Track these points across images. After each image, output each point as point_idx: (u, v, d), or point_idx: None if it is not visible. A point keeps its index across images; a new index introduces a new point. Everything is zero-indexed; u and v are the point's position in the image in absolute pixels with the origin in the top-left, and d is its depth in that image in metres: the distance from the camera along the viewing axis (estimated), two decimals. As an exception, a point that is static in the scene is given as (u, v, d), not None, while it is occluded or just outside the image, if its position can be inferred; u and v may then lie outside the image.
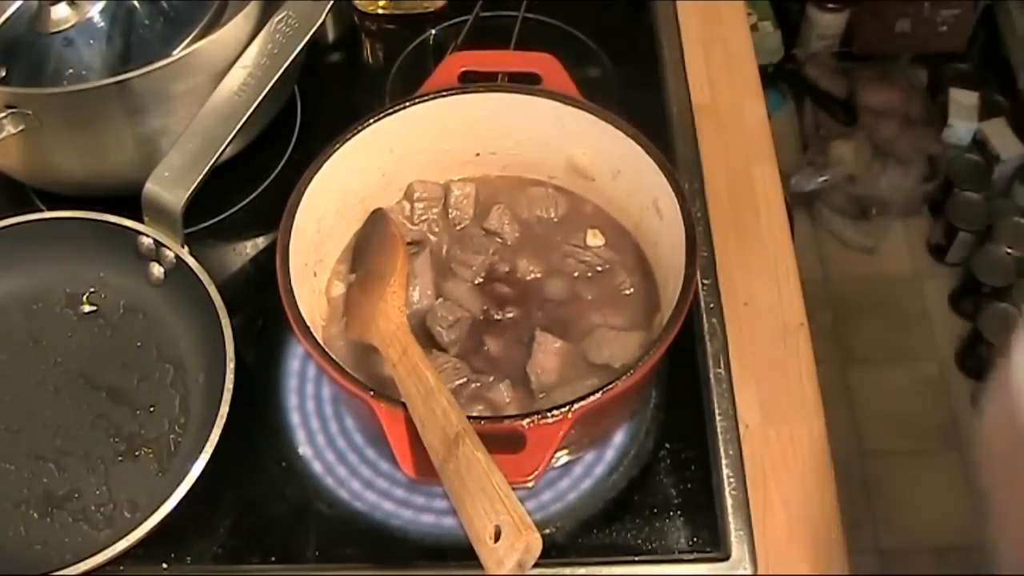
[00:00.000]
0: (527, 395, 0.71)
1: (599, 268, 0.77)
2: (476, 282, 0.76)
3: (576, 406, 0.62)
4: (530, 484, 0.59)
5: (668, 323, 0.66)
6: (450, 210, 0.80)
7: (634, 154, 0.74)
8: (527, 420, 0.61)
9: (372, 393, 0.63)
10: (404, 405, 0.62)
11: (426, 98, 0.77)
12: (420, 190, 0.80)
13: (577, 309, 0.75)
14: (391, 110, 0.77)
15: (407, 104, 0.77)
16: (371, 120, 0.76)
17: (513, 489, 0.56)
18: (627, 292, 0.76)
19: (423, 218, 0.80)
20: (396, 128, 0.77)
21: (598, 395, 0.63)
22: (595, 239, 0.78)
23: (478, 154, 0.81)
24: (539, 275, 0.77)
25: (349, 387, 0.64)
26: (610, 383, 0.63)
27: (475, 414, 0.68)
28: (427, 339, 0.73)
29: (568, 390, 0.70)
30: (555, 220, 0.80)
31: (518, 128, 0.79)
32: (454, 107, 0.78)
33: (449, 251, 0.78)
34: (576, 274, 0.77)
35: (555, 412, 0.62)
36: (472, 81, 0.79)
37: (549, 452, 0.60)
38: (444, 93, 0.78)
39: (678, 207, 0.71)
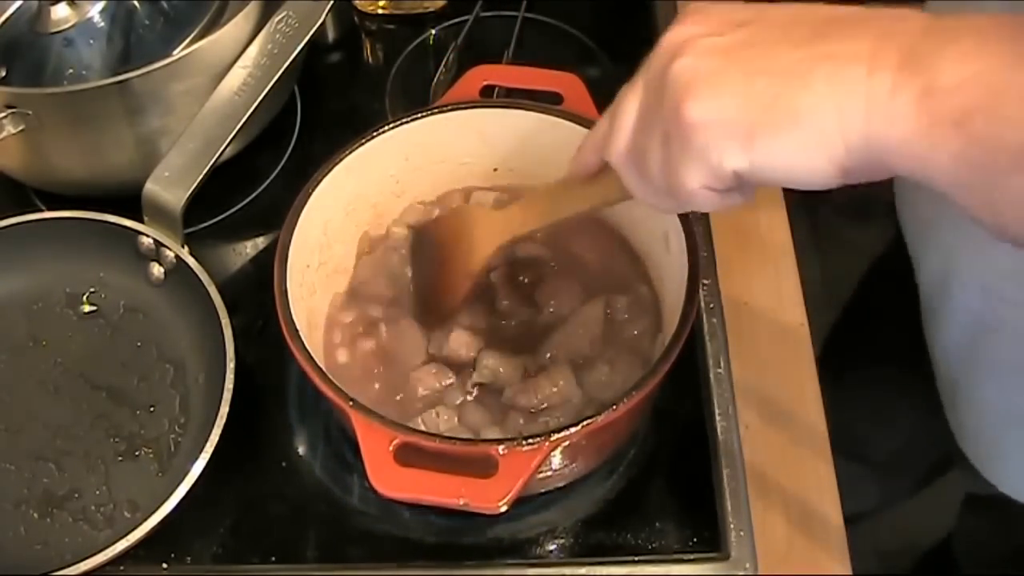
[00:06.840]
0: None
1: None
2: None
3: (553, 437, 0.60)
4: (501, 509, 0.58)
5: (651, 371, 0.63)
6: None
7: None
8: (502, 446, 0.60)
9: (351, 404, 0.62)
10: (382, 418, 0.62)
11: (445, 109, 0.77)
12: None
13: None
14: (408, 118, 0.76)
15: (425, 113, 0.76)
16: (386, 127, 0.75)
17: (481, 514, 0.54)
18: (635, 333, 0.74)
19: None
20: (413, 137, 0.76)
21: (577, 428, 0.61)
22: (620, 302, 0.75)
23: (496, 169, 0.80)
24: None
25: (329, 394, 0.63)
26: (589, 417, 0.61)
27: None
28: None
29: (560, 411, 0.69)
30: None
31: (537, 147, 0.77)
32: (473, 120, 0.77)
33: None
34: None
35: (531, 440, 0.60)
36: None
37: (521, 480, 0.59)
38: (463, 105, 0.77)
39: (684, 245, 0.69)
